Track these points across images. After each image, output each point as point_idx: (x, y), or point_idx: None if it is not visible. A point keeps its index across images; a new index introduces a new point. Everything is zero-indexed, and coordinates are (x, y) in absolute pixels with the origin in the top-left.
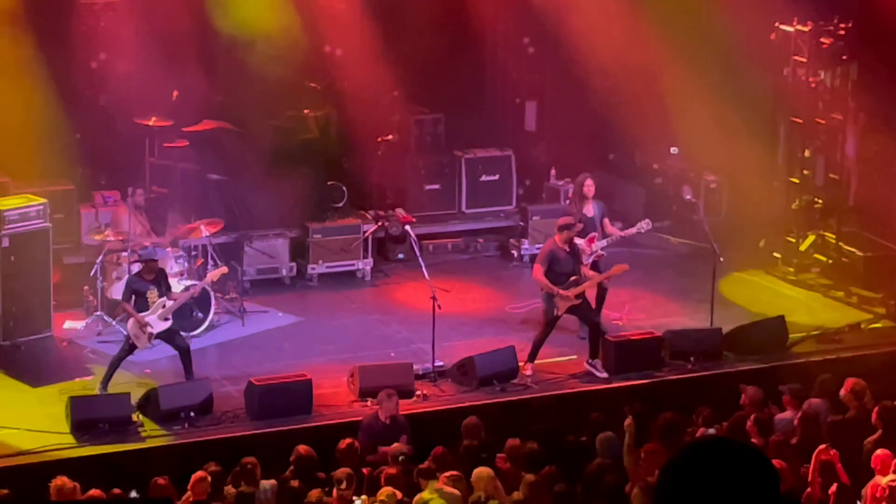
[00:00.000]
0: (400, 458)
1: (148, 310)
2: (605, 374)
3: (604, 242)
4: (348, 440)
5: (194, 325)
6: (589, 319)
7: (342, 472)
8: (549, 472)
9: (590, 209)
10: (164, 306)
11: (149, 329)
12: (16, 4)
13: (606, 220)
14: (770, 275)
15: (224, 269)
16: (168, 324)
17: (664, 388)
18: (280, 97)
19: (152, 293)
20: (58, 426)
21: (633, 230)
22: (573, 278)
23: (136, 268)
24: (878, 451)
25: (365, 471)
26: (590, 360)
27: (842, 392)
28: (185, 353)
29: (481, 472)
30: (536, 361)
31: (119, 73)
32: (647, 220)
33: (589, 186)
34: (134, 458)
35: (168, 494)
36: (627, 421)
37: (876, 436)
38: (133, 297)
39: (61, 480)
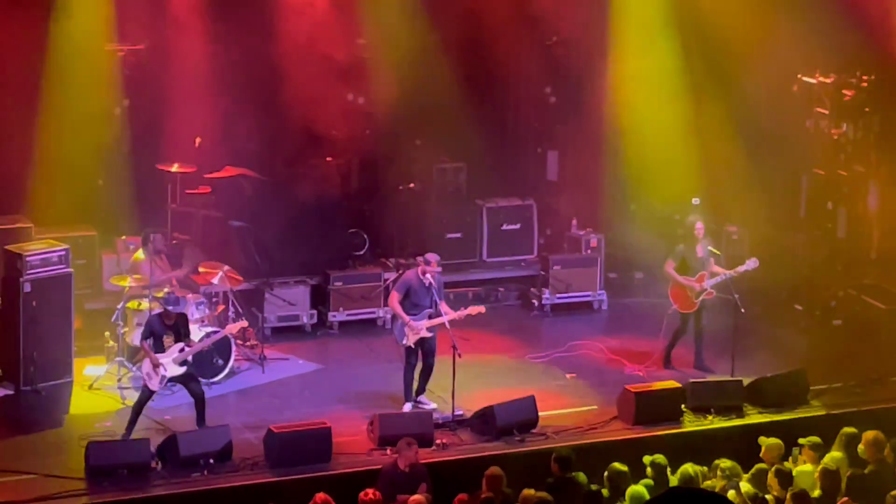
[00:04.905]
0: None
1: (164, 352)
2: (433, 405)
3: (713, 281)
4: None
5: (214, 371)
6: (426, 360)
7: None
8: None
9: (700, 249)
10: (180, 350)
11: (161, 371)
12: (40, 51)
13: (713, 260)
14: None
15: (244, 324)
16: (184, 369)
17: (684, 440)
18: (302, 145)
19: (168, 338)
20: (76, 472)
21: (741, 268)
22: (427, 311)
23: (156, 309)
24: None
25: None
26: (417, 398)
27: (861, 446)
28: (199, 400)
29: None
30: (558, 411)
31: (142, 119)
32: (754, 259)
33: (699, 229)
34: None
35: None
36: (648, 471)
37: None
38: (151, 337)
39: None
